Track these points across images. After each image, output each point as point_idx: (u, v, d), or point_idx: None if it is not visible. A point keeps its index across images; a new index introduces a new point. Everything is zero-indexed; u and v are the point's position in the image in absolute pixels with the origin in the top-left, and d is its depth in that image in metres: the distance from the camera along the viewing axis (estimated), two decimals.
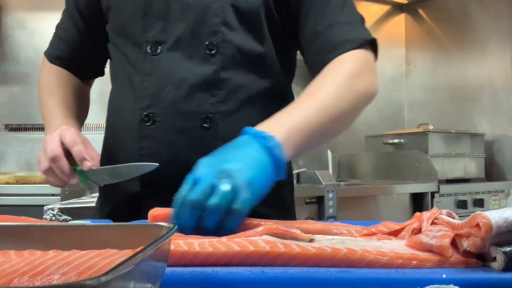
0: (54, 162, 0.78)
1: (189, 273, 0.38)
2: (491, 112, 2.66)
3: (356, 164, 2.67)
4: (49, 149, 0.78)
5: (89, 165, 0.77)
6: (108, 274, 0.22)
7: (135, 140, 0.82)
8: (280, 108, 0.87)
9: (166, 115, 0.81)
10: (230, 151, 0.63)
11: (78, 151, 0.77)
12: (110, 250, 0.33)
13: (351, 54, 0.81)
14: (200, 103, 0.80)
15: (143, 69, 0.84)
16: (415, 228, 0.49)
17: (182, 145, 0.80)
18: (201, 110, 0.80)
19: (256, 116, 0.82)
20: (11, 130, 2.37)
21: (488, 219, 0.38)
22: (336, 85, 0.77)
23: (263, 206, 0.83)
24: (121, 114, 0.88)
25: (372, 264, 0.40)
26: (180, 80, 0.81)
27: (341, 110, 0.76)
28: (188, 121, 0.80)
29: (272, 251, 0.41)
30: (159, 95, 0.81)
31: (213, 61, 0.81)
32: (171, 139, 0.81)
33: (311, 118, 0.71)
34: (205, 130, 0.80)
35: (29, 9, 2.43)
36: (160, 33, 0.83)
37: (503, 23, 2.62)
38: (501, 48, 2.63)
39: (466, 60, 2.80)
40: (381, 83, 3.19)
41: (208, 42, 0.81)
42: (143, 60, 0.83)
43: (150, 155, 0.81)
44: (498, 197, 2.39)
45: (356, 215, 1.97)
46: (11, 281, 0.28)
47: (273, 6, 0.84)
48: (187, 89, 0.80)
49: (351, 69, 0.79)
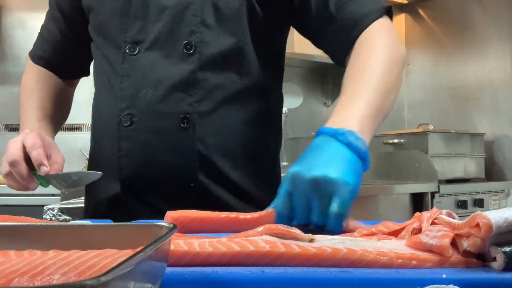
0: (13, 166, 0.78)
1: (189, 273, 0.38)
2: (491, 112, 2.66)
3: None
4: (9, 153, 0.78)
5: (45, 170, 0.77)
6: (108, 274, 0.22)
7: (114, 141, 0.82)
8: (262, 106, 0.87)
9: (143, 116, 0.80)
10: (313, 154, 0.60)
11: (36, 155, 0.77)
12: (110, 250, 0.33)
13: (375, 25, 0.80)
14: (177, 103, 0.80)
15: (122, 69, 0.83)
16: (415, 228, 0.49)
17: (161, 146, 0.80)
18: (179, 111, 0.80)
19: (235, 116, 0.83)
20: (11, 130, 2.37)
21: (488, 219, 0.38)
22: (380, 60, 0.75)
23: None
24: (102, 115, 0.88)
25: (372, 264, 0.40)
26: (157, 81, 0.80)
27: (392, 83, 0.76)
28: (166, 121, 0.80)
29: (272, 251, 0.41)
30: (137, 96, 0.81)
31: (190, 61, 0.80)
32: (149, 140, 0.80)
33: (372, 101, 0.70)
34: (183, 131, 0.79)
35: (29, 9, 2.43)
36: (138, 33, 0.82)
37: (503, 23, 2.62)
38: (501, 48, 2.63)
39: (466, 60, 2.80)
40: None
41: (185, 42, 0.80)
42: (122, 60, 0.83)
43: (128, 156, 0.81)
44: (498, 197, 2.39)
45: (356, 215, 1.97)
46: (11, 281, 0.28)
47: (256, 3, 0.83)
48: (164, 89, 0.80)
49: (384, 41, 0.78)
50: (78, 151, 2.18)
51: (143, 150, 0.80)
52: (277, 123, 0.95)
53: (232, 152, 0.83)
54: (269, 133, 0.91)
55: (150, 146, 0.80)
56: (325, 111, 2.92)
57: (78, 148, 2.21)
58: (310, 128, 2.77)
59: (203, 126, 0.80)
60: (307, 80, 2.84)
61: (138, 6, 0.82)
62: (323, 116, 2.91)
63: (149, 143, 0.80)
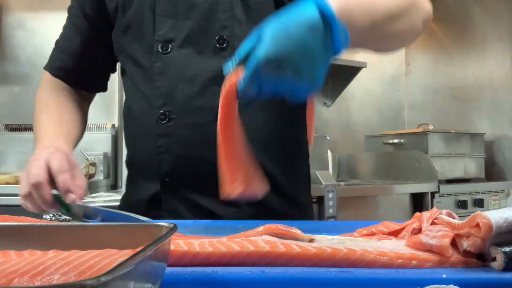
0: (36, 188, 0.71)
1: (189, 273, 0.38)
2: (491, 112, 2.66)
3: (356, 164, 2.67)
4: (32, 173, 0.71)
5: (72, 198, 0.71)
6: (108, 274, 0.22)
7: (152, 139, 0.82)
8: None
9: (181, 112, 0.81)
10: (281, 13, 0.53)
11: (63, 181, 0.71)
12: (110, 250, 0.33)
13: None
14: (214, 97, 0.78)
15: (155, 68, 0.83)
16: (415, 228, 0.49)
17: (199, 140, 0.80)
18: (216, 105, 0.79)
19: (273, 107, 0.83)
20: (11, 130, 2.37)
21: (488, 219, 0.38)
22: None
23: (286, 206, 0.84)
24: (136, 117, 0.88)
25: (372, 264, 0.40)
26: (192, 76, 0.81)
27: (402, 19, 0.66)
28: (204, 116, 0.80)
29: (272, 251, 0.41)
30: (173, 92, 0.81)
31: (224, 55, 0.81)
32: (187, 135, 0.80)
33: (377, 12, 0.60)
34: None
35: (29, 9, 2.43)
36: (169, 31, 0.83)
37: (503, 23, 2.62)
38: (501, 48, 2.63)
39: (466, 60, 2.80)
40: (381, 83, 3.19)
41: (218, 37, 0.81)
42: (154, 59, 0.83)
43: (167, 152, 0.81)
44: (498, 197, 2.39)
45: (356, 215, 1.97)
46: (11, 281, 0.28)
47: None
48: (200, 84, 0.80)
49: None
50: (78, 151, 2.18)
51: (182, 145, 0.80)
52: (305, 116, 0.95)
53: (268, 144, 0.83)
54: (300, 126, 0.90)
55: (188, 141, 0.80)
56: (325, 111, 2.92)
57: (78, 148, 2.21)
58: None
59: (241, 120, 0.81)
60: None
61: (167, 4, 0.83)
62: (323, 116, 2.91)
63: (187, 138, 0.80)
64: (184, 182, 0.82)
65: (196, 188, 0.81)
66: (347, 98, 2.97)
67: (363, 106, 3.04)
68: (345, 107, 2.98)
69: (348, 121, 2.99)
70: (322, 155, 2.23)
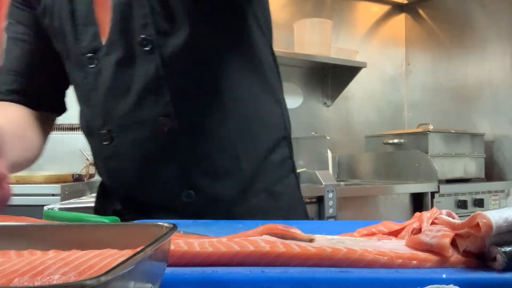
0: None
1: (189, 273, 0.38)
2: (491, 112, 2.66)
3: (356, 164, 2.67)
4: None
5: None
6: (108, 274, 0.22)
7: (103, 162, 0.78)
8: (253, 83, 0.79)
9: (121, 129, 0.74)
10: None
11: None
12: (110, 250, 0.33)
13: None
14: (151, 107, 0.72)
15: (86, 85, 0.76)
16: (415, 228, 0.49)
17: (148, 156, 0.74)
18: (156, 115, 0.72)
19: (218, 104, 0.76)
20: None
21: (488, 219, 0.38)
22: None
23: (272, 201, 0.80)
24: (86, 138, 0.82)
25: (372, 264, 0.40)
26: (124, 89, 0.73)
27: None
28: (146, 129, 0.73)
29: (272, 251, 0.41)
30: (109, 109, 0.74)
31: (151, 58, 0.72)
32: (134, 153, 0.74)
33: None
34: (165, 134, 0.73)
35: None
36: (92, 41, 0.73)
37: (503, 23, 2.62)
38: (501, 48, 2.63)
39: (466, 60, 2.80)
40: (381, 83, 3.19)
41: (140, 38, 0.71)
42: (84, 75, 0.75)
43: (118, 174, 0.77)
44: (498, 197, 2.39)
45: (356, 215, 1.97)
46: (11, 281, 0.28)
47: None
48: (134, 96, 0.72)
49: None
50: (78, 151, 2.18)
51: (131, 165, 0.75)
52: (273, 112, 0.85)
53: (221, 141, 0.77)
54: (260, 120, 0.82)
55: (136, 159, 0.75)
56: (325, 111, 2.92)
57: (78, 148, 2.21)
58: (310, 128, 2.78)
59: (185, 123, 0.74)
60: (307, 80, 2.84)
61: (84, 11, 0.73)
62: (323, 116, 2.91)
63: (134, 156, 0.74)
64: (144, 200, 0.78)
65: (157, 205, 0.77)
66: (347, 98, 2.97)
67: (363, 106, 3.04)
68: (345, 107, 2.98)
69: (348, 121, 2.99)
70: (322, 155, 2.23)
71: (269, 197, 0.81)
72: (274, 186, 0.82)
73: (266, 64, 0.84)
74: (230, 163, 0.77)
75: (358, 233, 0.52)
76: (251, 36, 0.81)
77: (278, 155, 0.83)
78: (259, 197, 0.80)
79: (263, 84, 0.83)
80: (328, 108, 2.93)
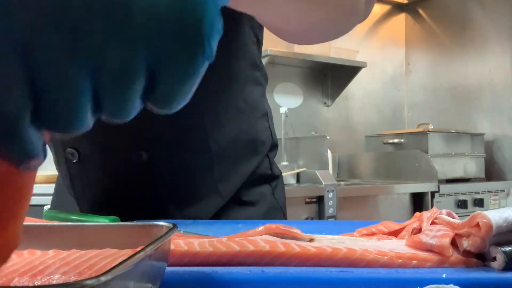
0: None
1: (189, 273, 0.38)
2: (491, 112, 2.66)
3: (356, 164, 2.67)
4: None
5: None
6: (108, 274, 0.22)
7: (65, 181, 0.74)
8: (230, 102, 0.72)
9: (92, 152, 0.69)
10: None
11: None
12: (110, 250, 0.33)
13: None
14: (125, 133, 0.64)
15: None
16: (415, 228, 0.49)
17: (117, 182, 0.70)
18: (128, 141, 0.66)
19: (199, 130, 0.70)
20: None
21: (488, 219, 0.38)
22: None
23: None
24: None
25: (372, 263, 0.40)
26: None
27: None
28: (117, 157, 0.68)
29: (272, 250, 0.41)
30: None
31: None
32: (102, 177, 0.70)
33: None
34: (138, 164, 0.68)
35: None
36: None
37: (503, 23, 2.62)
38: (501, 48, 2.63)
39: (466, 60, 2.80)
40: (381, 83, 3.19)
41: None
42: None
43: (83, 199, 0.73)
44: (498, 197, 2.39)
45: (356, 215, 1.97)
46: (11, 281, 0.28)
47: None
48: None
49: None
50: None
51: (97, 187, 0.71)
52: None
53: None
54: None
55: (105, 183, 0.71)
56: (325, 111, 2.92)
57: None
58: (310, 128, 2.78)
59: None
60: (307, 80, 2.84)
61: None
62: (323, 116, 2.91)
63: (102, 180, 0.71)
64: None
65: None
66: (347, 98, 2.97)
67: (363, 106, 3.04)
68: (345, 107, 2.98)
69: (348, 121, 2.99)
70: (322, 155, 2.23)
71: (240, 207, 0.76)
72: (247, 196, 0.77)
73: (246, 78, 0.76)
74: (208, 187, 0.73)
75: (358, 233, 0.52)
76: (246, 42, 0.73)
77: (259, 173, 0.78)
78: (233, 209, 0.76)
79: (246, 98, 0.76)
80: (328, 108, 2.93)
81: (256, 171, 0.78)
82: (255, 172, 0.77)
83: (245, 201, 0.77)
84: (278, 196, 0.82)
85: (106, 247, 0.34)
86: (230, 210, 0.75)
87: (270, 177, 0.81)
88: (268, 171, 0.81)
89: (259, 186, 0.79)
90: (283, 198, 0.84)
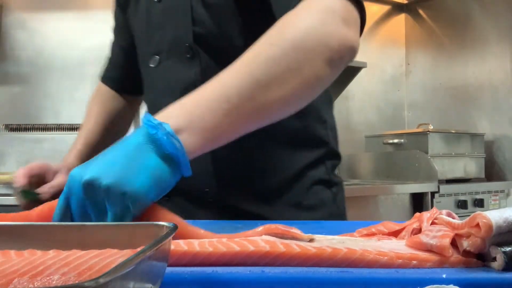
0: None
1: (189, 273, 0.38)
2: (491, 112, 2.66)
3: (356, 164, 2.67)
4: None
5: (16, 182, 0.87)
6: (106, 275, 0.22)
7: None
8: None
9: None
10: (109, 151, 0.50)
11: (20, 171, 0.89)
12: (110, 250, 0.33)
13: (304, 4, 0.61)
14: None
15: (146, 82, 0.89)
16: (415, 228, 0.49)
17: None
18: None
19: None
20: (11, 130, 2.37)
21: (488, 219, 0.38)
22: (281, 49, 0.57)
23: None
24: None
25: (372, 264, 0.40)
26: (170, 89, 0.81)
27: (279, 74, 0.56)
28: None
29: (272, 251, 0.41)
30: (155, 106, 0.78)
31: (193, 65, 0.79)
32: None
33: (234, 90, 0.54)
34: None
35: (30, 9, 2.43)
36: (157, 44, 0.84)
37: (503, 23, 2.62)
38: (501, 48, 2.63)
39: (466, 60, 2.80)
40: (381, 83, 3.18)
41: (185, 45, 0.79)
42: (149, 72, 0.87)
43: None
44: (498, 197, 2.39)
45: (356, 215, 1.97)
46: (11, 281, 0.28)
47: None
48: (176, 98, 0.74)
49: (302, 23, 0.59)
50: None
51: None
52: None
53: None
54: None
55: None
56: None
57: None
58: None
59: None
60: None
61: (155, 17, 0.84)
62: None
63: None
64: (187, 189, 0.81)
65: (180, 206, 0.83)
66: (347, 98, 2.97)
67: (363, 106, 3.04)
68: (345, 107, 2.98)
69: (348, 121, 2.99)
70: None
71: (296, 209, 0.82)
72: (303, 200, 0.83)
73: None
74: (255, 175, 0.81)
75: (358, 233, 0.52)
76: None
77: (317, 177, 0.85)
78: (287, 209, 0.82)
79: None
80: None
81: (313, 174, 0.84)
82: (313, 176, 0.84)
83: (305, 205, 0.83)
84: (340, 203, 0.88)
85: (107, 247, 0.34)
86: (290, 214, 0.80)
87: (329, 182, 0.86)
88: (325, 175, 0.86)
89: (319, 192, 0.85)
90: (343, 206, 0.90)
